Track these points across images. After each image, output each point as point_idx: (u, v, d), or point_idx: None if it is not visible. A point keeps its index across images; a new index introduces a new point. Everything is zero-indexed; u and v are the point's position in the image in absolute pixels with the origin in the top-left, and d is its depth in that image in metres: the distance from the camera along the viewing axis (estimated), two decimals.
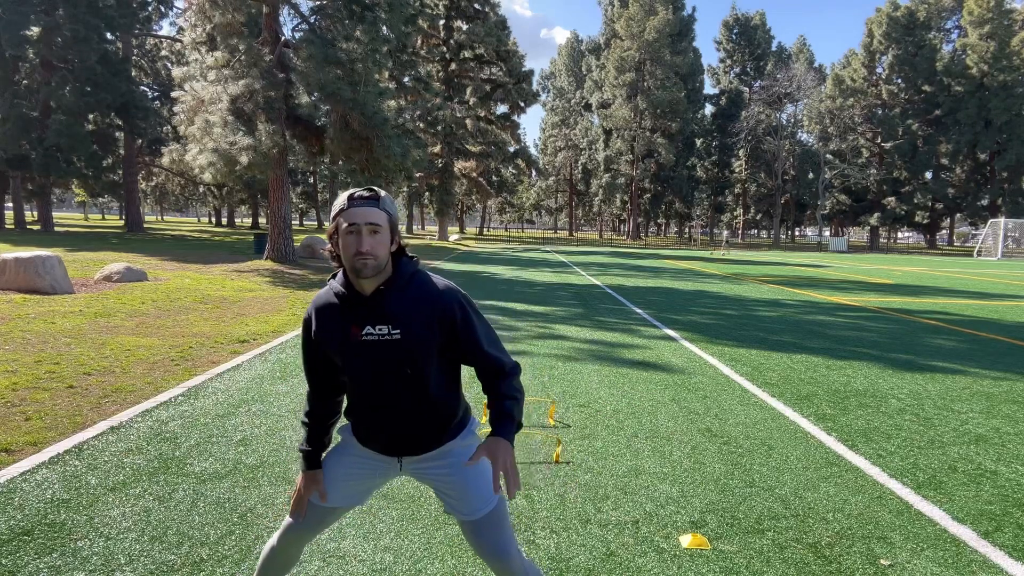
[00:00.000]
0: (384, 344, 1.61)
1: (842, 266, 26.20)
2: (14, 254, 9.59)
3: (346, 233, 1.55)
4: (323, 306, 1.67)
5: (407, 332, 1.61)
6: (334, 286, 1.67)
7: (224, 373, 5.25)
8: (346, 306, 1.63)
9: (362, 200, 1.56)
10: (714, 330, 8.22)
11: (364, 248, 1.53)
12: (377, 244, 1.55)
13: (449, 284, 1.71)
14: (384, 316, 1.61)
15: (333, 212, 1.60)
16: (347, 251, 1.56)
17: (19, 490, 2.94)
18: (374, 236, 1.55)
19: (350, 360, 1.64)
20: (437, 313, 1.63)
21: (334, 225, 1.59)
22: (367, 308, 1.62)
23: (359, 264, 1.54)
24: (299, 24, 17.66)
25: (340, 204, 1.58)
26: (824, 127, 56.25)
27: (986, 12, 48.25)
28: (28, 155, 27.01)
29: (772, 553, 2.58)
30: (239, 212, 72.13)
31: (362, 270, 1.55)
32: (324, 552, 2.50)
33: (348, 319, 1.63)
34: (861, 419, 4.42)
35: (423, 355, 1.63)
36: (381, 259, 1.57)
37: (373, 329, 1.61)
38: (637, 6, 53.68)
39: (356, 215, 1.54)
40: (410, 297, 1.63)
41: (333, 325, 1.64)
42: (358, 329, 1.62)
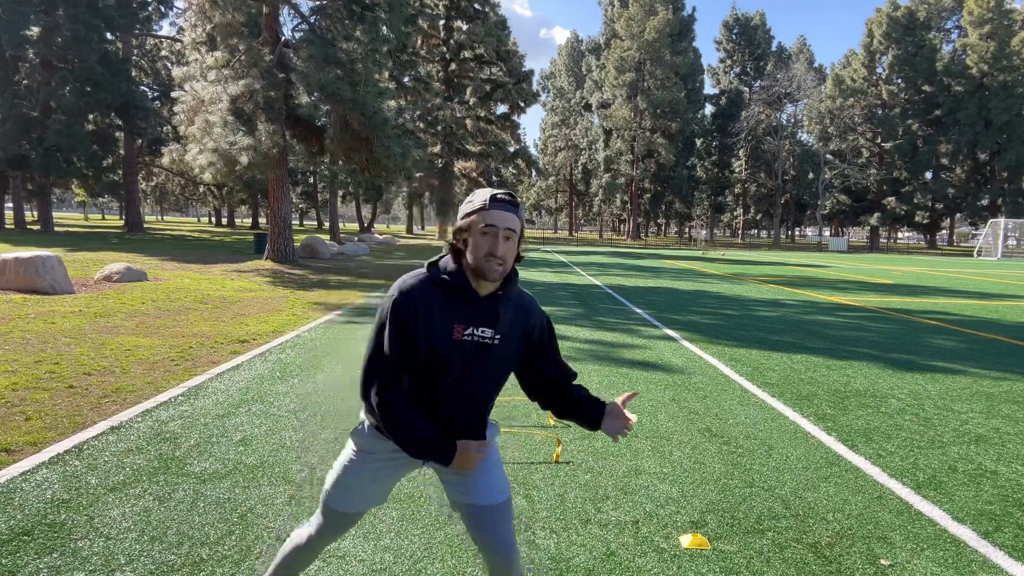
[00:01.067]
0: (481, 347, 1.61)
1: (842, 266, 26.19)
2: (14, 254, 9.59)
3: (481, 233, 1.53)
4: (426, 297, 1.59)
5: (504, 339, 1.64)
6: (439, 278, 1.60)
7: (224, 373, 5.25)
8: (457, 301, 1.60)
9: (504, 204, 1.55)
10: (714, 330, 8.22)
11: (499, 252, 1.52)
12: (509, 250, 1.55)
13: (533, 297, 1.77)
14: (492, 320, 1.61)
15: (470, 207, 1.57)
16: (479, 250, 1.54)
17: (19, 490, 2.94)
18: (507, 242, 1.54)
19: (435, 358, 1.59)
20: (531, 324, 1.70)
21: (468, 221, 1.56)
22: (478, 309, 1.60)
23: (489, 267, 1.53)
24: (299, 24, 17.67)
25: (481, 202, 1.55)
26: (824, 127, 56.27)
27: (986, 12, 48.25)
28: (28, 155, 27.01)
29: (772, 553, 2.58)
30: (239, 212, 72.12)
31: (490, 273, 1.54)
32: (324, 552, 2.49)
33: (454, 316, 1.59)
34: (861, 419, 4.42)
35: (511, 362, 1.70)
36: (508, 266, 1.57)
37: (476, 331, 1.60)
38: (637, 6, 53.69)
39: (497, 218, 1.53)
40: (514, 305, 1.67)
41: (437, 319, 1.58)
42: (462, 328, 1.59)
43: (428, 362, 1.60)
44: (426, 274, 1.61)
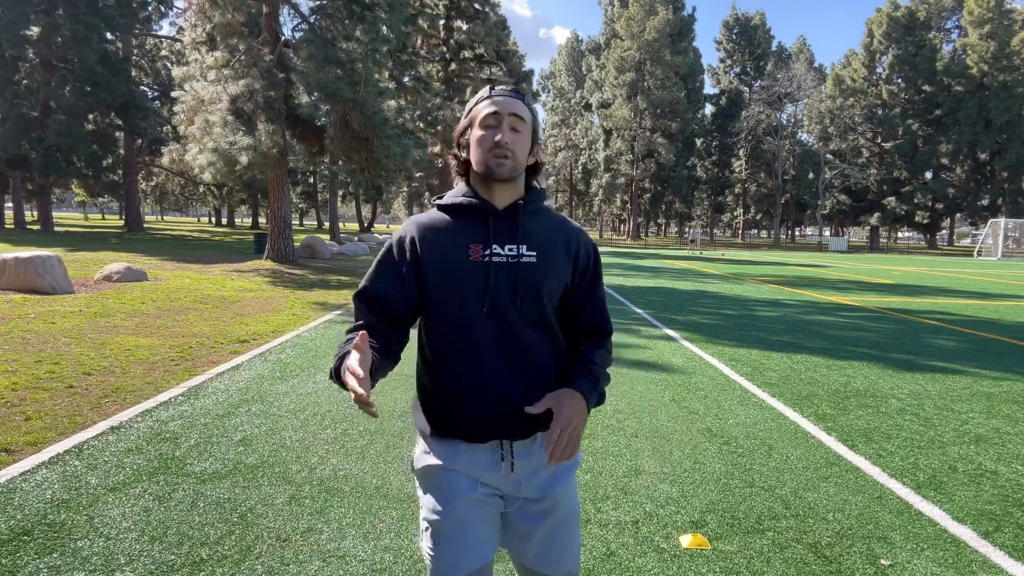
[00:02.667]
0: (511, 267, 1.31)
1: (842, 266, 26.19)
2: (14, 254, 9.59)
3: (483, 126, 1.31)
4: (431, 223, 1.35)
5: (545, 257, 1.34)
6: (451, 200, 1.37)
7: (224, 373, 5.25)
8: (469, 222, 1.34)
9: (506, 91, 1.34)
10: (714, 330, 8.22)
11: (505, 139, 1.28)
12: (518, 141, 1.31)
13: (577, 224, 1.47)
14: (517, 232, 1.33)
15: (469, 106, 1.37)
16: (482, 145, 1.31)
17: (19, 490, 2.94)
18: (515, 133, 1.31)
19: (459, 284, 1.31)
20: (574, 244, 1.39)
21: (468, 119, 1.36)
22: (499, 223, 1.33)
23: (495, 161, 1.29)
24: (299, 24, 17.66)
25: (479, 95, 1.36)
26: (824, 127, 56.26)
27: (986, 12, 48.25)
28: (28, 155, 27.01)
29: (772, 553, 2.58)
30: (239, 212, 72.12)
31: (497, 168, 1.29)
32: (324, 552, 2.50)
33: (468, 236, 1.32)
34: (861, 419, 4.42)
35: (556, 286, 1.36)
36: (520, 162, 1.32)
37: (502, 249, 1.31)
38: (637, 6, 53.69)
39: (499, 103, 1.31)
40: (548, 223, 1.39)
41: (448, 242, 1.32)
42: (479, 247, 1.31)
43: (446, 297, 1.32)
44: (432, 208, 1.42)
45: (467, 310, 1.31)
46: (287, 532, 2.64)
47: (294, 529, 2.66)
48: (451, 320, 1.33)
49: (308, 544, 2.55)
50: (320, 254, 20.21)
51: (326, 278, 14.01)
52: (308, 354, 6.08)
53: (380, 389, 4.89)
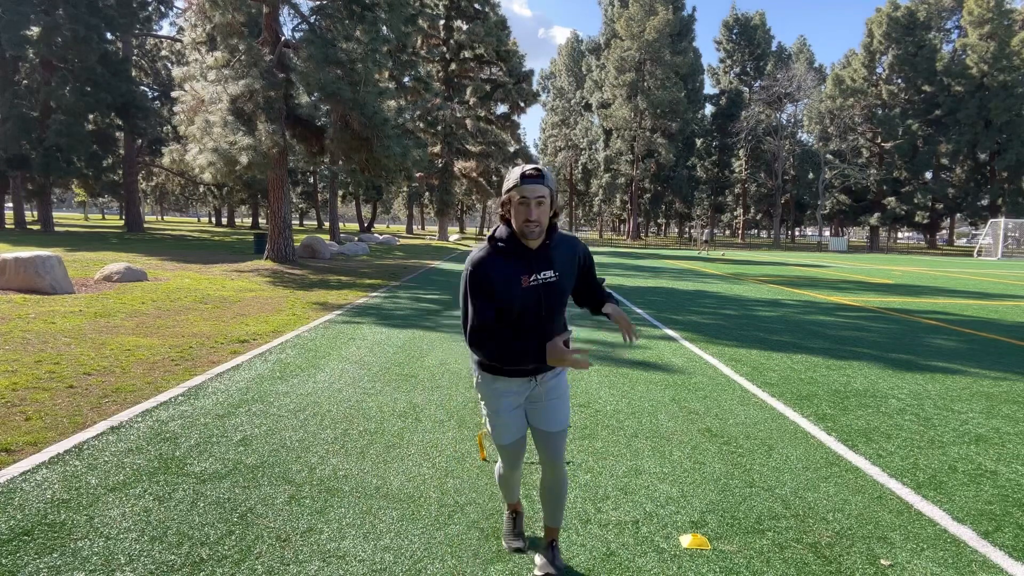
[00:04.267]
0: (546, 286, 2.10)
1: (842, 266, 26.20)
2: (14, 254, 9.59)
3: (519, 204, 1.99)
4: (490, 258, 2.06)
5: (562, 274, 2.13)
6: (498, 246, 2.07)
7: (224, 373, 5.25)
8: (514, 258, 2.06)
9: (532, 178, 1.97)
10: (714, 330, 8.22)
11: (533, 217, 1.98)
12: (542, 213, 2.00)
13: (574, 235, 2.28)
14: (548, 264, 2.10)
15: (507, 186, 2.01)
16: (519, 218, 2.00)
17: (19, 490, 2.94)
18: (540, 207, 1.98)
19: (511, 302, 2.06)
20: (578, 256, 2.22)
21: (507, 196, 2.02)
22: (534, 259, 2.08)
23: (528, 229, 1.99)
24: (299, 24, 17.65)
25: (514, 180, 1.98)
26: (824, 127, 56.26)
27: (986, 12, 48.25)
28: (28, 155, 27.01)
29: (772, 553, 2.58)
30: (239, 212, 72.14)
31: (530, 235, 2.01)
32: (324, 552, 2.50)
33: (517, 269, 2.06)
34: (861, 419, 4.42)
35: (568, 287, 2.19)
36: (544, 225, 2.02)
37: (538, 275, 2.08)
38: (637, 6, 53.68)
39: (528, 190, 1.96)
40: (560, 249, 2.15)
41: (505, 272, 2.05)
42: (528, 277, 2.07)
43: (509, 308, 2.08)
44: (487, 245, 2.08)
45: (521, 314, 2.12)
46: (287, 532, 2.64)
47: (294, 529, 2.66)
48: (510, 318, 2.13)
49: (308, 544, 2.55)
50: (320, 254, 20.21)
51: (326, 278, 14.01)
52: (308, 354, 6.08)
53: (380, 389, 4.89)
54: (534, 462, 3.48)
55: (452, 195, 41.35)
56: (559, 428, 2.32)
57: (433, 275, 15.95)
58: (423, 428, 4.01)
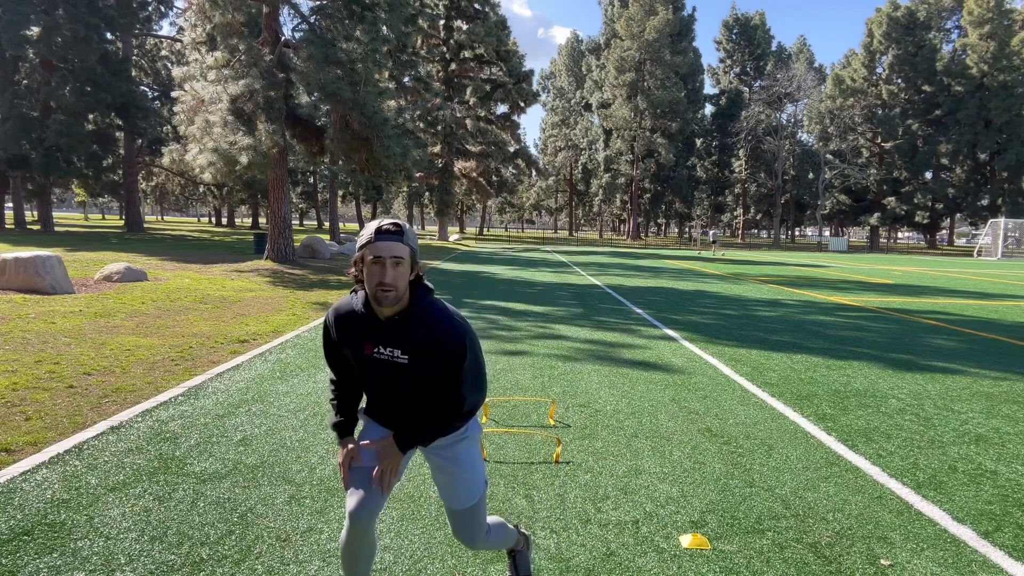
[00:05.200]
0: (392, 364, 1.80)
1: (842, 266, 26.20)
2: (14, 254, 9.59)
3: (371, 263, 1.69)
4: (344, 315, 1.85)
5: (414, 359, 1.78)
6: (355, 303, 1.83)
7: (224, 373, 5.25)
8: (363, 324, 1.80)
9: (388, 234, 1.69)
10: (714, 330, 8.22)
11: (387, 279, 1.67)
12: (398, 276, 1.69)
13: (461, 322, 1.82)
14: (395, 341, 1.77)
15: (360, 242, 1.72)
16: (371, 280, 1.70)
17: (19, 490, 2.94)
18: (396, 268, 1.68)
19: (361, 368, 1.86)
20: (441, 349, 1.77)
21: (360, 255, 1.73)
22: (381, 330, 1.78)
23: (380, 295, 1.69)
24: (299, 24, 17.65)
25: (367, 236, 1.70)
26: (824, 127, 56.25)
27: (986, 12, 48.25)
28: (28, 155, 27.01)
29: (772, 553, 2.58)
30: (239, 212, 72.13)
31: (383, 300, 1.70)
32: (324, 552, 2.50)
33: (363, 335, 1.81)
34: (861, 419, 4.42)
35: (424, 380, 1.82)
36: (400, 290, 1.71)
37: (384, 349, 1.78)
38: (637, 6, 53.68)
39: (382, 248, 1.67)
40: (422, 328, 1.76)
41: (351, 335, 1.83)
42: (371, 347, 1.80)
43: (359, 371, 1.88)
44: (349, 296, 1.86)
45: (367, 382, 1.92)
46: (287, 532, 2.64)
47: (294, 529, 2.66)
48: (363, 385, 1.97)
49: (308, 544, 2.55)
50: (320, 254, 20.21)
51: (326, 278, 14.01)
52: (308, 354, 6.08)
53: None
54: (532, 461, 3.48)
55: (452, 195, 41.37)
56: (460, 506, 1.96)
57: (433, 275, 15.95)
58: None
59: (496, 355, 6.26)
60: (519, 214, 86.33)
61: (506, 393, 4.85)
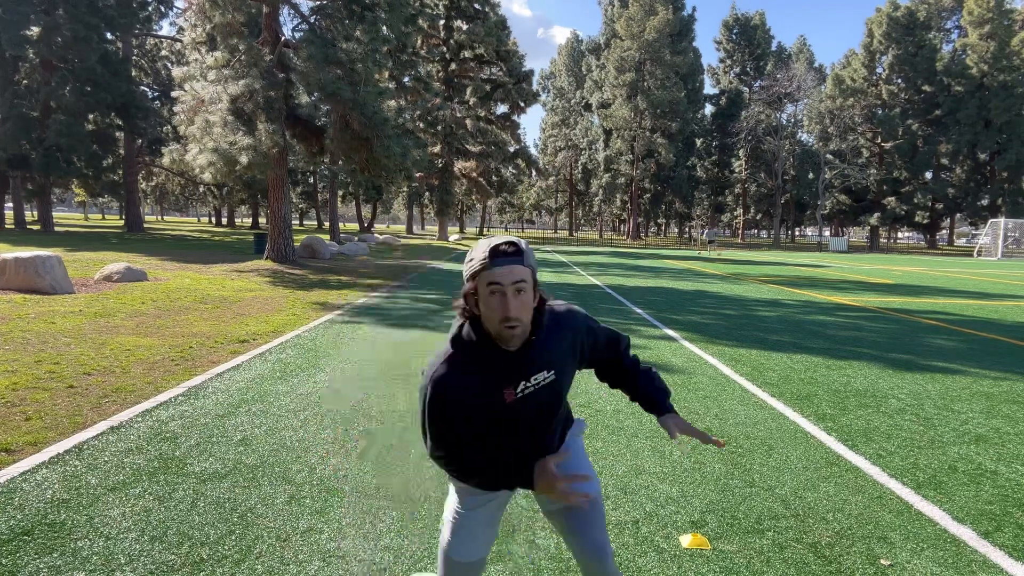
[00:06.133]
0: (537, 393, 1.56)
1: (842, 266, 26.20)
2: (14, 254, 9.59)
3: (489, 294, 1.41)
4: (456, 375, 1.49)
5: (561, 370, 1.59)
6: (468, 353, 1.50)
7: (224, 373, 5.25)
8: (491, 370, 1.50)
9: (506, 257, 1.42)
10: (714, 330, 8.22)
11: (512, 313, 1.41)
12: (523, 306, 1.43)
13: (568, 306, 1.66)
14: (537, 366, 1.54)
15: (471, 268, 1.45)
16: (493, 315, 1.42)
17: (19, 490, 2.94)
18: (519, 297, 1.42)
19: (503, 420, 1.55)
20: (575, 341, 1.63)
21: (472, 286, 1.46)
22: (518, 364, 1.51)
23: (507, 332, 1.43)
24: (299, 24, 17.64)
25: (480, 260, 1.43)
26: (824, 127, 56.26)
27: (986, 12, 48.25)
28: (28, 155, 27.00)
29: (772, 553, 2.58)
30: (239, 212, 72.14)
31: (510, 340, 1.45)
32: (324, 552, 2.50)
33: (498, 383, 1.50)
34: (861, 419, 4.42)
35: (568, 382, 1.64)
36: (526, 322, 1.45)
37: (527, 383, 1.53)
38: (637, 6, 53.69)
39: (500, 275, 1.40)
40: (553, 336, 1.57)
41: (480, 392, 1.49)
42: (512, 389, 1.52)
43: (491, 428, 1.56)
44: (452, 353, 1.51)
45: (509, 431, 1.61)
46: (287, 532, 2.64)
47: (294, 529, 2.66)
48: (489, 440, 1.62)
49: (308, 544, 2.55)
50: (320, 254, 20.21)
51: (326, 278, 14.01)
52: (308, 354, 6.08)
53: (380, 389, 4.89)
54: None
55: (452, 195, 41.38)
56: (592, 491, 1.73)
57: (433, 275, 15.95)
58: None
59: None
60: (519, 214, 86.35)
61: None
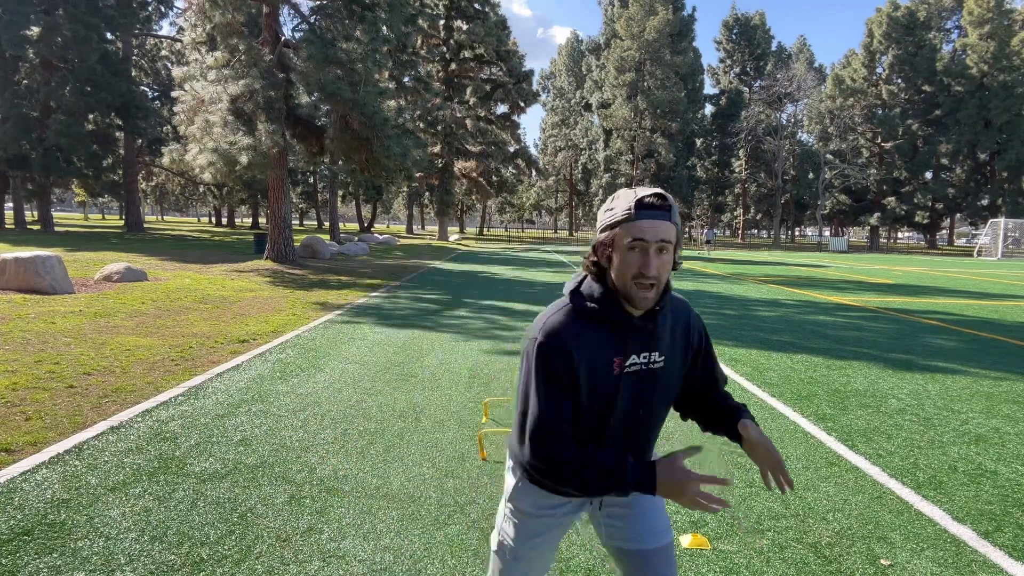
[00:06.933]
0: (645, 374, 1.36)
1: (842, 266, 26.19)
2: (14, 254, 9.59)
3: (627, 249, 1.26)
4: (574, 328, 1.32)
5: (670, 358, 1.38)
6: (586, 307, 1.34)
7: (224, 373, 5.25)
8: (607, 330, 1.33)
9: (655, 210, 1.25)
10: (714, 330, 8.22)
11: (651, 272, 1.24)
12: (663, 267, 1.26)
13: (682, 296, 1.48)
14: (654, 343, 1.35)
15: (611, 217, 1.29)
16: (626, 271, 1.27)
17: (19, 490, 2.94)
18: (660, 256, 1.26)
19: (605, 397, 1.34)
20: (691, 331, 1.44)
21: (611, 235, 1.29)
22: (637, 334, 1.34)
23: (639, 294, 1.26)
24: (299, 24, 17.64)
25: (624, 209, 1.26)
26: (824, 127, 56.26)
27: (986, 12, 48.25)
28: (28, 155, 27.01)
29: (772, 553, 2.58)
30: (239, 212, 72.12)
31: (640, 301, 1.27)
32: (324, 552, 2.50)
33: (611, 348, 1.32)
34: (861, 419, 4.42)
35: (676, 381, 1.43)
36: (662, 285, 1.29)
37: (638, 358, 1.34)
38: (637, 6, 53.69)
39: (646, 229, 1.24)
40: (672, 317, 1.40)
41: (593, 355, 1.31)
42: (622, 360, 1.33)
43: (590, 405, 1.35)
44: (569, 305, 1.35)
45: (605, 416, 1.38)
46: (287, 532, 2.64)
47: (294, 529, 2.66)
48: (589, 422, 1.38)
49: (308, 544, 2.55)
50: (320, 254, 20.21)
51: (326, 278, 14.01)
52: (308, 354, 6.08)
53: (380, 389, 4.89)
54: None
55: (452, 195, 41.38)
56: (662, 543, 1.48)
57: (433, 275, 15.95)
58: (423, 428, 4.01)
59: (496, 355, 6.26)
60: (519, 214, 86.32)
61: (506, 393, 4.85)
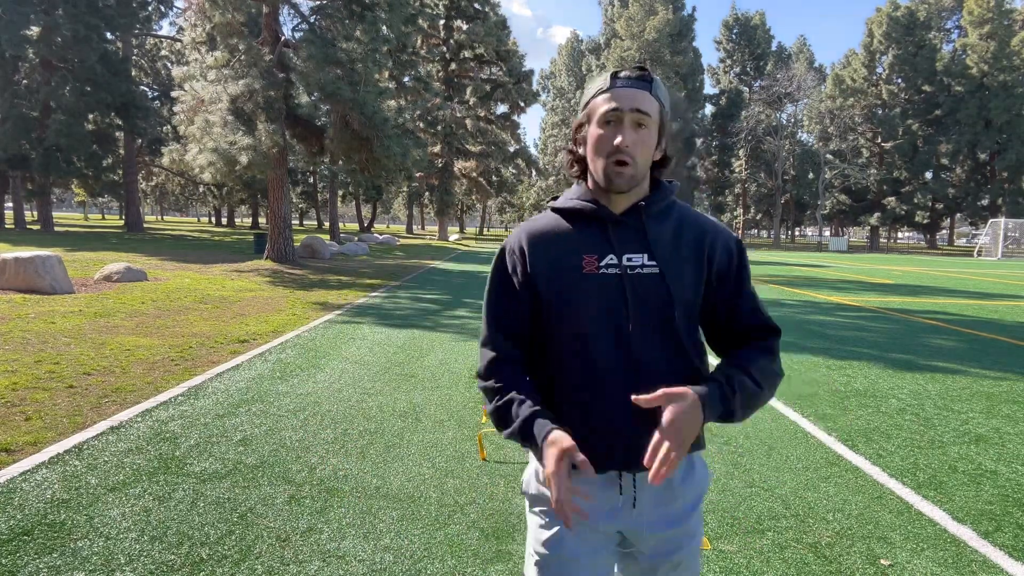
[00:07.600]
0: (631, 281, 1.16)
1: (842, 266, 26.19)
2: (14, 254, 9.59)
3: (603, 122, 1.14)
4: (541, 231, 1.21)
5: (670, 266, 1.18)
6: (566, 203, 1.22)
7: (224, 373, 5.25)
8: (587, 231, 1.19)
9: (630, 80, 1.14)
10: None
11: (624, 142, 1.12)
12: (641, 144, 1.14)
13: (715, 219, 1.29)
14: (640, 242, 1.18)
15: (588, 95, 1.19)
16: (600, 146, 1.15)
17: (19, 490, 2.94)
18: (638, 131, 1.13)
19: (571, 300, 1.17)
20: (707, 245, 1.22)
21: (585, 113, 1.18)
22: (618, 231, 1.18)
23: (611, 169, 1.14)
24: (299, 24, 17.65)
25: (600, 84, 1.16)
26: (824, 127, 56.26)
27: (986, 12, 48.24)
28: (28, 155, 27.00)
29: (772, 553, 2.58)
30: (239, 212, 72.11)
31: (615, 177, 1.14)
32: (324, 552, 2.50)
33: (585, 246, 1.18)
34: (861, 419, 4.42)
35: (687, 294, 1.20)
36: (641, 166, 1.15)
37: (617, 258, 1.17)
38: (637, 6, 53.70)
39: (621, 97, 1.13)
40: (673, 222, 1.22)
41: (560, 251, 1.19)
42: (595, 258, 1.17)
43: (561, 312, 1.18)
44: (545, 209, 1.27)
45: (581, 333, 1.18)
46: (287, 532, 2.64)
47: (294, 529, 2.66)
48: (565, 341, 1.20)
49: (308, 544, 2.55)
50: (320, 254, 20.21)
51: (326, 278, 14.01)
52: (308, 354, 6.08)
53: (380, 389, 4.89)
54: None
55: (452, 195, 41.37)
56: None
57: (433, 275, 15.95)
58: (423, 428, 4.01)
59: None
60: (519, 214, 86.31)
61: None
